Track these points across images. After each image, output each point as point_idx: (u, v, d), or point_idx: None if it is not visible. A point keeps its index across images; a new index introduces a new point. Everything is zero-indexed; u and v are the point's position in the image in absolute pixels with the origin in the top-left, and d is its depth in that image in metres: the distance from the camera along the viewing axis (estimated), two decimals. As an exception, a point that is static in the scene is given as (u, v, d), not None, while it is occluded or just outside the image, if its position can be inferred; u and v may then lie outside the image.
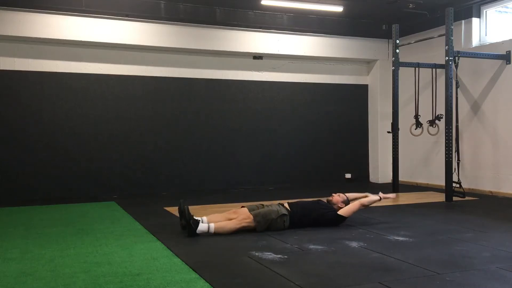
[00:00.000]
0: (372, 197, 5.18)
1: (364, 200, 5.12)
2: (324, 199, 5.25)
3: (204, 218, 4.80)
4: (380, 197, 5.20)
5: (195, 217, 4.68)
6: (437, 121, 7.97)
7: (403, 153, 8.88)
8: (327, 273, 3.42)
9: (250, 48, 8.60)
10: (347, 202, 5.18)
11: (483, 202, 6.89)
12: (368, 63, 9.86)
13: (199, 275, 3.35)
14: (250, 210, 4.91)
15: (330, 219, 5.02)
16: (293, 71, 9.26)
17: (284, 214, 4.87)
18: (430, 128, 8.07)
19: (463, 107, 8.07)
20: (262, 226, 4.79)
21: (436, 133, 8.03)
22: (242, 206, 5.03)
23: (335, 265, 3.61)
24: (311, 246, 4.18)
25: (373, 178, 9.80)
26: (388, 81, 9.01)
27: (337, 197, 5.16)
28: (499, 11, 7.97)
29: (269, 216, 4.82)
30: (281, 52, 8.80)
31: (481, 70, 7.84)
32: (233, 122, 8.78)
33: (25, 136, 7.52)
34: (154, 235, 4.67)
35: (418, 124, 8.17)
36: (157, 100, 8.29)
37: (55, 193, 7.61)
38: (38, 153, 7.58)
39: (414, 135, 8.24)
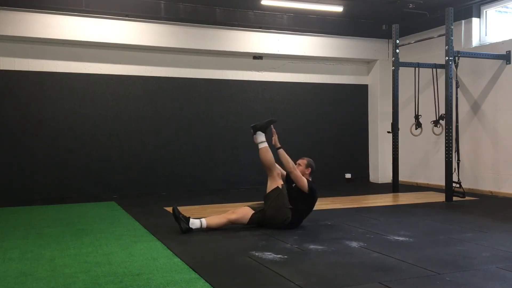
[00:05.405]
0: (280, 156, 5.03)
1: (285, 160, 4.96)
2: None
3: (203, 220, 4.81)
4: (277, 146, 5.17)
5: (192, 218, 4.78)
6: (441, 121, 7.96)
7: (403, 153, 8.88)
8: (327, 273, 3.42)
9: (250, 48, 8.59)
10: (308, 164, 5.09)
11: (483, 202, 6.89)
12: (368, 63, 9.86)
13: (199, 275, 3.35)
14: (252, 208, 4.91)
15: (312, 197, 5.00)
16: (293, 71, 9.26)
17: (290, 208, 4.86)
18: (435, 128, 8.07)
19: (463, 107, 8.07)
20: (272, 204, 4.78)
21: (441, 133, 8.02)
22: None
23: (335, 265, 3.61)
24: (311, 246, 4.18)
25: (373, 178, 9.80)
26: (388, 81, 9.01)
27: (301, 168, 5.04)
28: (499, 11, 7.97)
29: (283, 200, 4.81)
30: (281, 52, 8.80)
31: (481, 70, 7.84)
32: (233, 122, 8.78)
33: (25, 136, 7.52)
34: (154, 235, 4.67)
35: (418, 124, 8.18)
36: (157, 100, 8.29)
37: (55, 193, 7.61)
38: (38, 153, 7.58)
39: (414, 135, 8.24)
